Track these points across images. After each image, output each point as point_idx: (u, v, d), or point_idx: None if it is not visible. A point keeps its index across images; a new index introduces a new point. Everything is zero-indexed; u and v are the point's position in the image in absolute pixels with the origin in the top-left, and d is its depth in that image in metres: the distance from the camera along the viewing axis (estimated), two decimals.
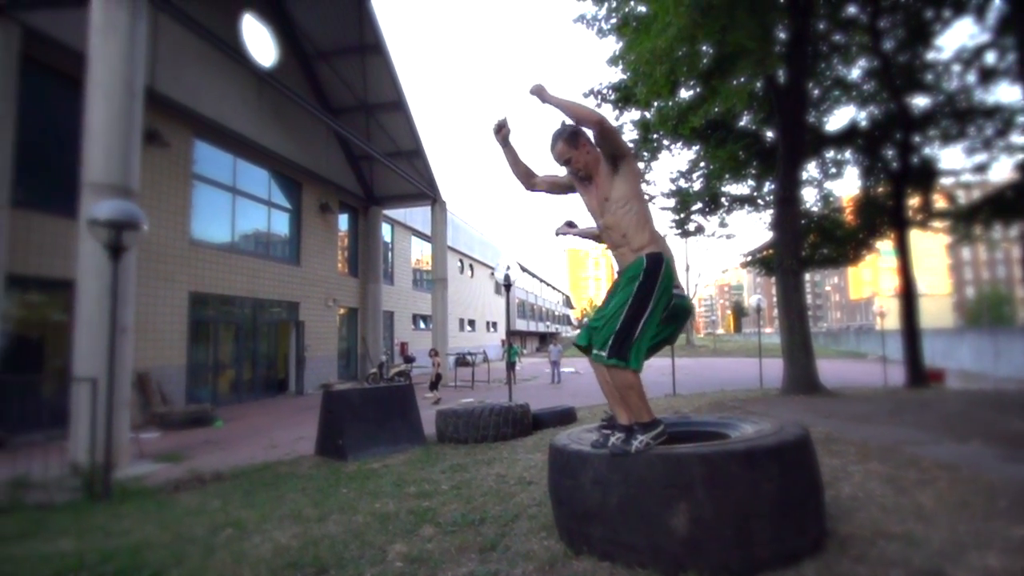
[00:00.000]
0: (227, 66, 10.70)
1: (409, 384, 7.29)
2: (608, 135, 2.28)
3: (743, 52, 7.07)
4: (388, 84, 14.00)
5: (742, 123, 11.56)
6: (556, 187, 2.67)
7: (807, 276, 11.68)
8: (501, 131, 2.57)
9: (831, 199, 13.65)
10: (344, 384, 13.75)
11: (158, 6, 7.11)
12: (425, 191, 16.22)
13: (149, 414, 8.75)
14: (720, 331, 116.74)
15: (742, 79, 7.92)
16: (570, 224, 3.17)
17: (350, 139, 13.57)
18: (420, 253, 22.58)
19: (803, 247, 10.82)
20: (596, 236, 3.10)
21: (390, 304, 19.06)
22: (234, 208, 11.98)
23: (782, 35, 8.67)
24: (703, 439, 2.47)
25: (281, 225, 13.78)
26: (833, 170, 12.86)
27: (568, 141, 2.41)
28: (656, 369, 19.80)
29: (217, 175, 11.44)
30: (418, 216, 20.86)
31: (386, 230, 18.99)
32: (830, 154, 12.46)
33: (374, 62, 13.50)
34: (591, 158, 2.43)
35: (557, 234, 3.24)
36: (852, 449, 4.07)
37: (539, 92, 2.37)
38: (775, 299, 9.87)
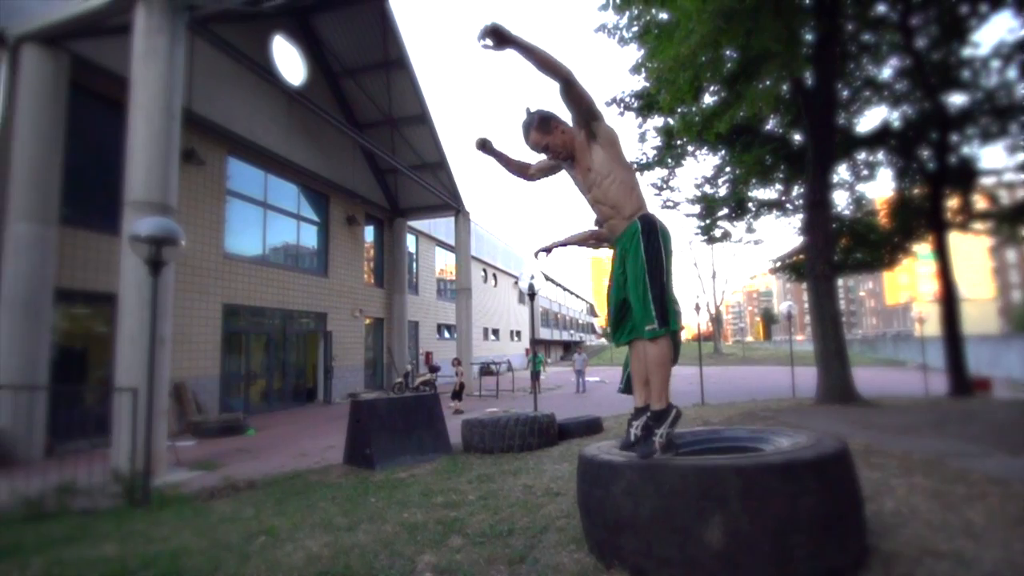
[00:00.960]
0: (259, 86, 11.10)
1: (435, 394, 7.34)
2: (578, 95, 2.19)
3: (769, 55, 6.97)
4: (412, 98, 14.28)
5: (768, 127, 11.37)
6: (552, 170, 2.69)
7: (840, 281, 11.34)
8: (484, 147, 2.64)
9: (864, 202, 13.25)
10: (371, 393, 13.92)
11: (195, 31, 7.44)
12: (449, 202, 16.42)
13: (185, 423, 9.02)
14: (749, 338, 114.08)
15: (768, 83, 7.79)
16: (551, 246, 3.22)
17: (376, 153, 13.86)
18: (444, 263, 22.79)
19: (835, 252, 10.52)
20: (582, 240, 3.12)
21: (415, 314, 19.26)
22: (265, 222, 12.35)
23: (809, 37, 8.52)
24: (736, 452, 2.42)
25: (309, 238, 14.12)
26: (865, 172, 12.51)
27: (540, 128, 2.37)
28: (683, 378, 19.43)
29: (249, 190, 11.83)
30: (442, 226, 21.09)
31: (411, 241, 19.25)
32: (862, 156, 12.12)
33: (398, 77, 13.81)
34: (567, 138, 2.39)
35: (536, 256, 3.27)
36: (893, 462, 3.91)
37: (497, 35, 1.94)
38: (806, 305, 9.61)
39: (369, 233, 16.83)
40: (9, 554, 3.22)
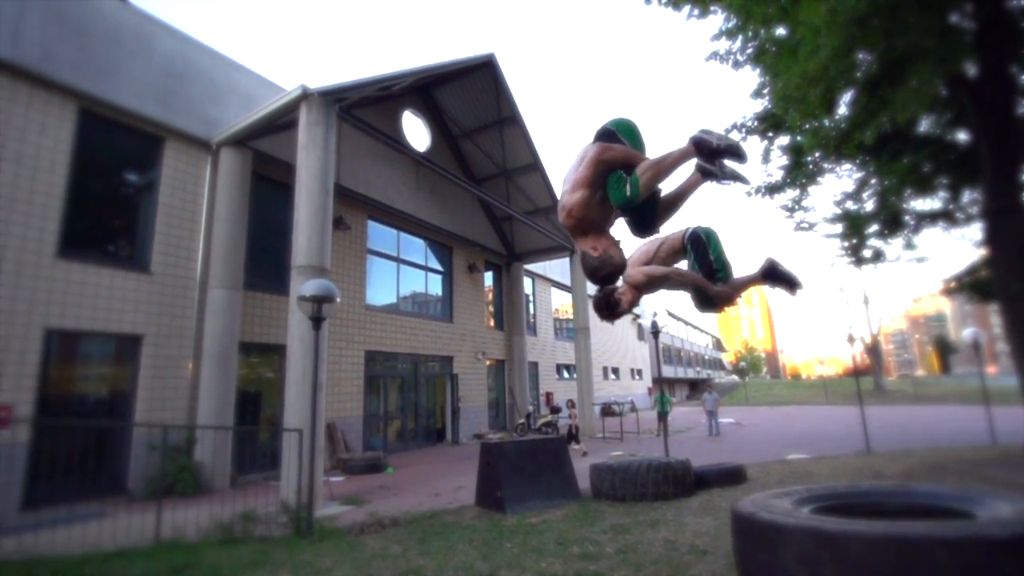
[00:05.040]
0: (392, 155, 12.56)
1: (561, 437, 7.27)
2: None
3: (917, 52, 6.18)
4: (524, 149, 15.03)
5: (921, 128, 9.91)
6: (670, 208, 2.71)
7: None
8: None
9: None
10: (495, 434, 14.20)
11: (342, 118, 8.71)
12: (563, 243, 16.68)
13: (335, 460, 9.97)
14: (919, 372, 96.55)
15: (920, 82, 6.87)
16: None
17: (492, 203, 14.71)
18: (560, 303, 22.96)
19: None
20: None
21: (534, 355, 19.50)
22: (398, 275, 13.62)
23: (966, 23, 7.40)
24: (934, 517, 2.04)
25: (435, 286, 15.22)
26: None
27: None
28: (838, 420, 16.96)
29: (385, 247, 13.21)
30: (556, 268, 21.42)
31: (527, 283, 19.77)
32: None
33: (511, 131, 14.68)
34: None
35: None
36: None
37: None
38: (998, 331, 7.91)
39: (488, 278, 17.66)
40: (213, 574, 3.78)
